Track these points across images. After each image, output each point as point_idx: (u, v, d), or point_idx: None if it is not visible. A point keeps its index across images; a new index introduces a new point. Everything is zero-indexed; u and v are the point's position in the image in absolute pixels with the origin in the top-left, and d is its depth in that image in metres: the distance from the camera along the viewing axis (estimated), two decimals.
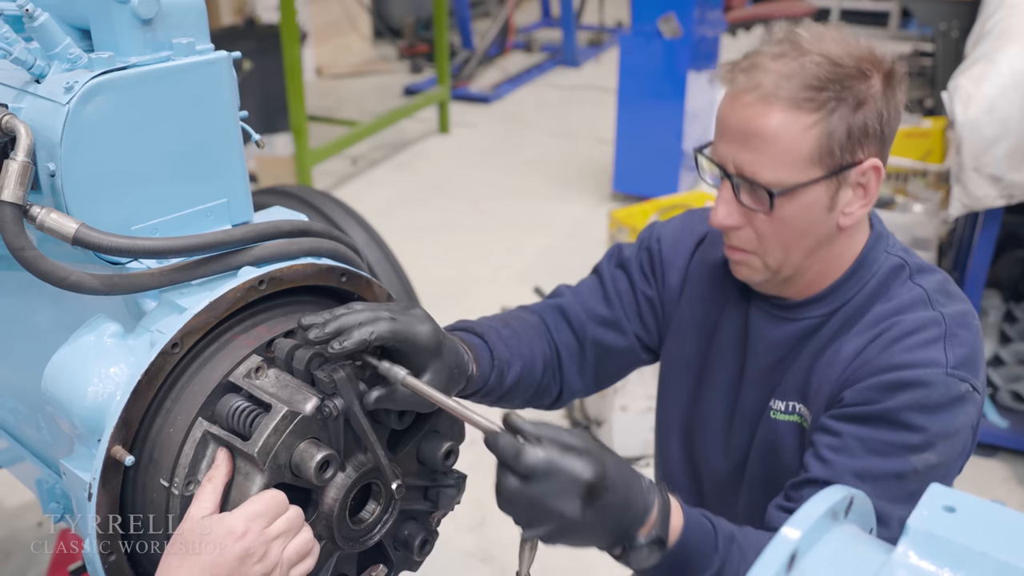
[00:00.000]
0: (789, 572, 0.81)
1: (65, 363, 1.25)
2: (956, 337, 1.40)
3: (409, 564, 1.42)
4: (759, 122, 1.37)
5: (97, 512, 1.20)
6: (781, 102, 1.35)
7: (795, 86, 1.34)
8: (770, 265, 1.48)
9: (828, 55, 1.35)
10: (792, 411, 1.52)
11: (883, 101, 1.37)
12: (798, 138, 1.35)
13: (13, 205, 1.18)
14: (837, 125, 1.35)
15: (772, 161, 1.37)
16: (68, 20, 1.38)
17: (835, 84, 1.34)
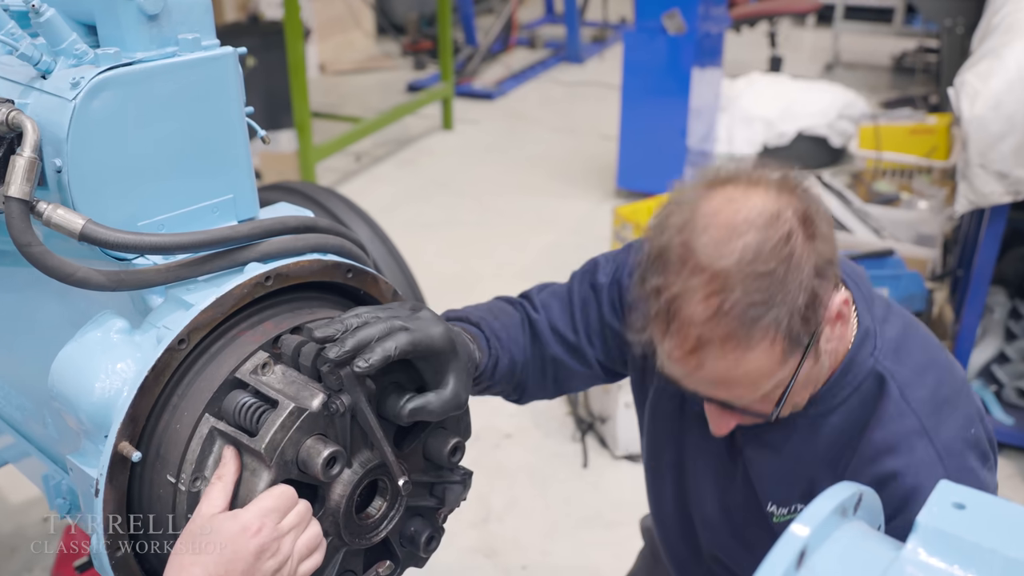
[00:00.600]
0: (798, 569, 0.80)
1: (72, 359, 1.25)
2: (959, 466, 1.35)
3: (415, 560, 1.41)
4: (718, 374, 1.26)
5: (104, 508, 1.20)
6: (729, 349, 1.22)
7: (732, 328, 1.20)
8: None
9: (741, 268, 1.19)
10: (795, 511, 1.48)
11: (814, 253, 1.23)
12: (763, 364, 1.25)
13: (20, 201, 1.18)
14: (792, 324, 1.23)
15: (749, 390, 1.29)
16: (74, 16, 1.37)
17: (768, 300, 1.20)
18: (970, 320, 3.47)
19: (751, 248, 1.19)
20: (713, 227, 1.22)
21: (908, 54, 8.79)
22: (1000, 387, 3.70)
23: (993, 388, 3.70)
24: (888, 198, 5.07)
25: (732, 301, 1.19)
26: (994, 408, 3.62)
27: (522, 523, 3.33)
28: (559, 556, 3.18)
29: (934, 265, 4.50)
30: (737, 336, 1.20)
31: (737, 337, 1.21)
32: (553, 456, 3.70)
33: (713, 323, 1.20)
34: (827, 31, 9.58)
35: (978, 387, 3.67)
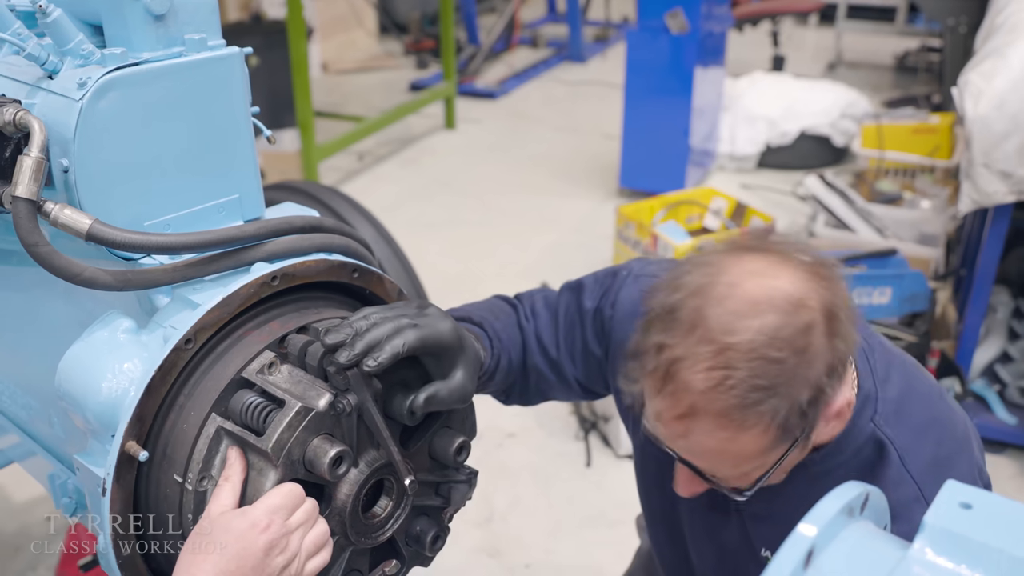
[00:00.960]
0: (806, 569, 0.81)
1: (79, 359, 1.26)
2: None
3: (421, 560, 1.42)
4: (704, 446, 1.22)
5: (111, 507, 1.21)
6: (721, 428, 1.17)
7: (729, 407, 1.15)
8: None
9: (753, 348, 1.14)
10: None
11: (831, 351, 1.18)
12: (750, 447, 1.20)
13: (27, 201, 1.18)
14: (789, 416, 1.17)
15: (728, 468, 1.26)
16: (80, 16, 1.38)
17: (774, 387, 1.15)
18: (973, 319, 3.47)
19: (767, 331, 1.14)
20: (731, 299, 1.16)
21: (911, 53, 8.79)
22: (1003, 386, 3.70)
23: (996, 387, 3.70)
24: (891, 197, 5.07)
25: (735, 380, 1.14)
26: (997, 408, 3.62)
27: (525, 522, 3.33)
28: (562, 555, 3.19)
29: (937, 264, 4.50)
30: (731, 416, 1.15)
31: (731, 417, 1.16)
32: (556, 455, 3.70)
33: (711, 396, 1.15)
34: (830, 30, 9.58)
35: (981, 386, 3.67)
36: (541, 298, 1.65)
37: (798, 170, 6.17)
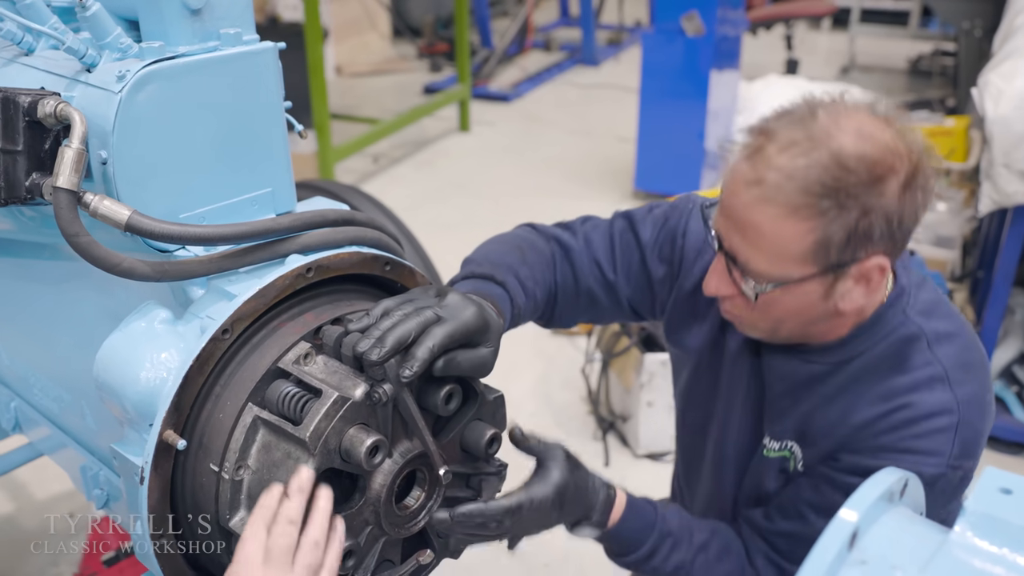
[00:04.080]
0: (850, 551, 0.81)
1: (117, 349, 1.27)
2: (968, 425, 1.39)
3: (451, 551, 1.43)
4: (755, 218, 1.31)
5: (148, 496, 1.22)
6: (778, 204, 1.28)
7: (795, 189, 1.26)
8: (762, 330, 1.46)
9: (839, 154, 1.25)
10: (784, 448, 1.54)
11: (898, 204, 1.27)
12: (791, 241, 1.29)
13: (68, 191, 1.20)
14: (835, 232, 1.27)
15: (763, 255, 1.33)
16: (116, 11, 1.39)
17: (838, 193, 1.25)
18: (992, 321, 3.46)
19: (858, 150, 1.25)
20: (844, 119, 1.28)
21: (924, 57, 8.77)
22: (1022, 388, 3.69)
23: (1015, 388, 3.69)
24: None
25: (812, 173, 1.25)
26: (1016, 408, 3.61)
27: None
28: (581, 554, 3.19)
29: (953, 266, 4.49)
30: (791, 198, 1.26)
31: (791, 198, 1.27)
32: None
33: (784, 176, 1.27)
34: (843, 34, 9.57)
35: (1000, 388, 3.66)
36: (591, 224, 1.75)
37: None
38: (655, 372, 3.48)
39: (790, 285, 1.34)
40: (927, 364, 1.41)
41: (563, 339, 4.46)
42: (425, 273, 1.50)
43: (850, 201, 1.25)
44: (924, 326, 1.44)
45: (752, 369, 1.58)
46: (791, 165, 1.26)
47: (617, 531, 1.50)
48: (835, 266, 1.31)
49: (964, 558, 0.83)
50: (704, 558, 1.52)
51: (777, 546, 1.52)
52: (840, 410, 1.45)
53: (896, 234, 1.30)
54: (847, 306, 1.37)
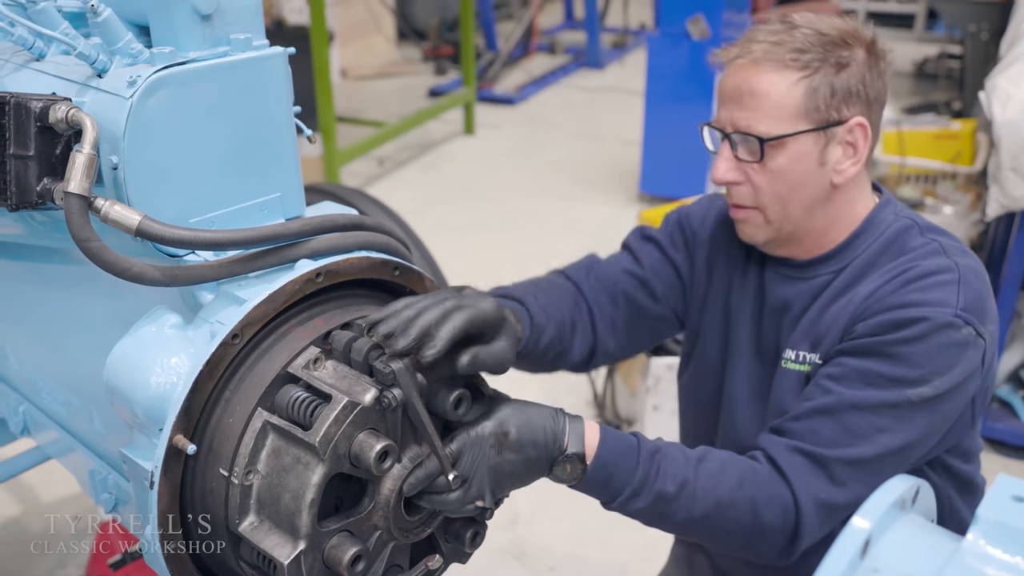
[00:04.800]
0: (863, 559, 0.81)
1: (127, 354, 1.27)
2: (969, 284, 1.49)
3: (459, 556, 1.42)
4: (751, 81, 1.53)
5: (158, 500, 1.22)
6: (769, 63, 1.52)
7: (782, 51, 1.52)
8: (770, 220, 1.60)
9: (815, 27, 1.53)
10: (802, 360, 1.61)
11: (865, 67, 1.53)
12: (785, 93, 1.52)
13: (79, 197, 1.20)
14: (821, 83, 1.51)
15: (763, 115, 1.53)
16: (126, 16, 1.39)
17: (818, 48, 1.51)
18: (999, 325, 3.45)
19: (827, 23, 1.54)
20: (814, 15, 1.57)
21: (930, 60, 8.77)
22: None
23: (1021, 393, 3.69)
24: (912, 203, 5.05)
25: (792, 40, 1.52)
26: (1023, 413, 3.60)
27: (551, 525, 3.33)
28: (587, 558, 3.19)
29: None
30: (779, 58, 1.51)
31: (779, 58, 1.51)
32: None
33: (771, 46, 1.52)
34: None
35: (1006, 392, 3.66)
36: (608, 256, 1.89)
37: None
38: (661, 376, 3.48)
39: (788, 141, 1.53)
40: (923, 244, 1.56)
41: None
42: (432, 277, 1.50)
43: (829, 55, 1.51)
44: (915, 219, 1.62)
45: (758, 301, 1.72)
46: (776, 38, 1.53)
47: (601, 459, 1.40)
48: (825, 123, 1.52)
49: (977, 566, 0.82)
50: (707, 468, 1.45)
51: (799, 431, 1.49)
52: (847, 299, 1.56)
53: (869, 96, 1.54)
54: (840, 179, 1.56)
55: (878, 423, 1.45)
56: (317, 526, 1.18)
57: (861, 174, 1.61)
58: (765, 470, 1.47)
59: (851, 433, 1.46)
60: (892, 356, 1.46)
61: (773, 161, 1.54)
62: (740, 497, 1.44)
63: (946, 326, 1.44)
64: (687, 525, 1.46)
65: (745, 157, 1.56)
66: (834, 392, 1.48)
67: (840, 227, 1.62)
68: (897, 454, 1.47)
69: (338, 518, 1.23)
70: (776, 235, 1.62)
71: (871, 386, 1.46)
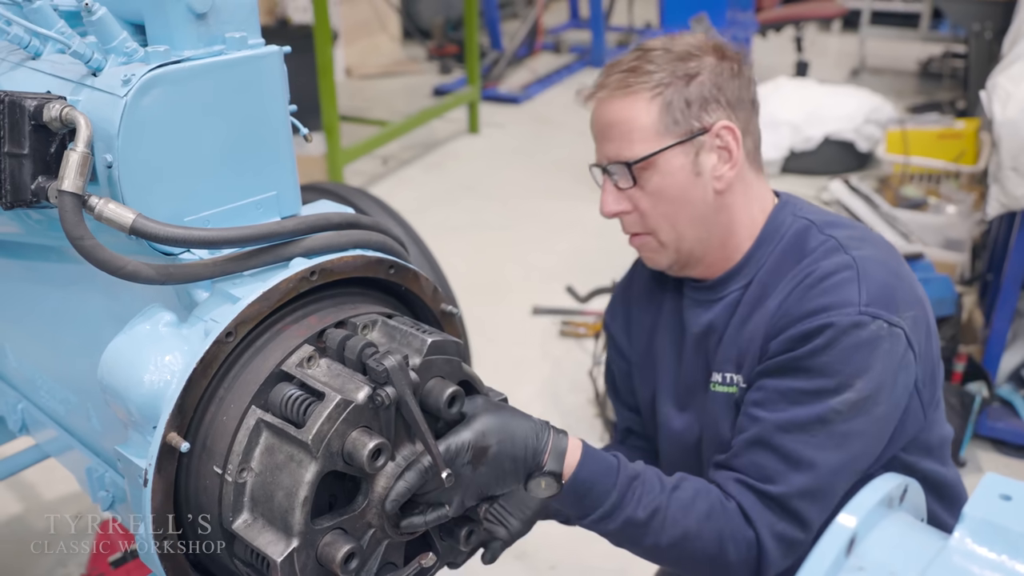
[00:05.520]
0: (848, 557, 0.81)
1: (121, 351, 1.28)
2: (869, 276, 1.49)
3: (455, 554, 1.43)
4: (610, 113, 1.59)
5: (152, 498, 1.22)
6: (621, 91, 1.57)
7: (632, 77, 1.57)
8: (665, 242, 1.63)
9: (664, 47, 1.58)
10: (729, 382, 1.61)
11: (716, 72, 1.57)
12: (641, 115, 1.56)
13: (73, 195, 1.20)
14: (673, 97, 1.55)
15: (628, 141, 1.57)
16: (121, 15, 1.39)
17: (666, 66, 1.56)
18: (1000, 324, 3.45)
19: (677, 41, 1.60)
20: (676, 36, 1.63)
21: (934, 59, 8.75)
22: None
23: (1023, 392, 3.68)
24: (916, 202, 5.05)
25: (639, 66, 1.57)
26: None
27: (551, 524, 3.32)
28: (588, 557, 3.19)
29: (963, 269, 4.48)
30: (629, 84, 1.57)
31: (629, 85, 1.57)
32: None
33: (620, 77, 1.58)
34: (853, 36, 9.55)
35: (1008, 391, 3.65)
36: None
37: (822, 175, 6.15)
38: None
39: (656, 158, 1.56)
40: (821, 243, 1.57)
41: (571, 342, 4.46)
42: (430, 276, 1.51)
43: (677, 70, 1.55)
44: (812, 218, 1.62)
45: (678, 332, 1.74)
46: (627, 66, 1.59)
47: (578, 480, 1.41)
48: (688, 134, 1.56)
49: (963, 564, 0.82)
50: (679, 498, 1.46)
51: (741, 467, 1.50)
52: (760, 314, 1.56)
53: (727, 99, 1.57)
54: (720, 185, 1.58)
55: (812, 441, 1.44)
56: (310, 524, 1.19)
57: (747, 177, 1.62)
58: (732, 506, 1.48)
59: (789, 459, 1.45)
60: (807, 370, 1.46)
61: (649, 182, 1.58)
62: (707, 529, 1.45)
63: (852, 327, 1.44)
64: (654, 551, 1.48)
65: (623, 185, 1.60)
66: (761, 419, 1.48)
67: (738, 237, 1.63)
68: (843, 470, 1.46)
69: (332, 516, 1.23)
70: (676, 256, 1.65)
71: (794, 404, 1.46)
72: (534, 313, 4.71)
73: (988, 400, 3.50)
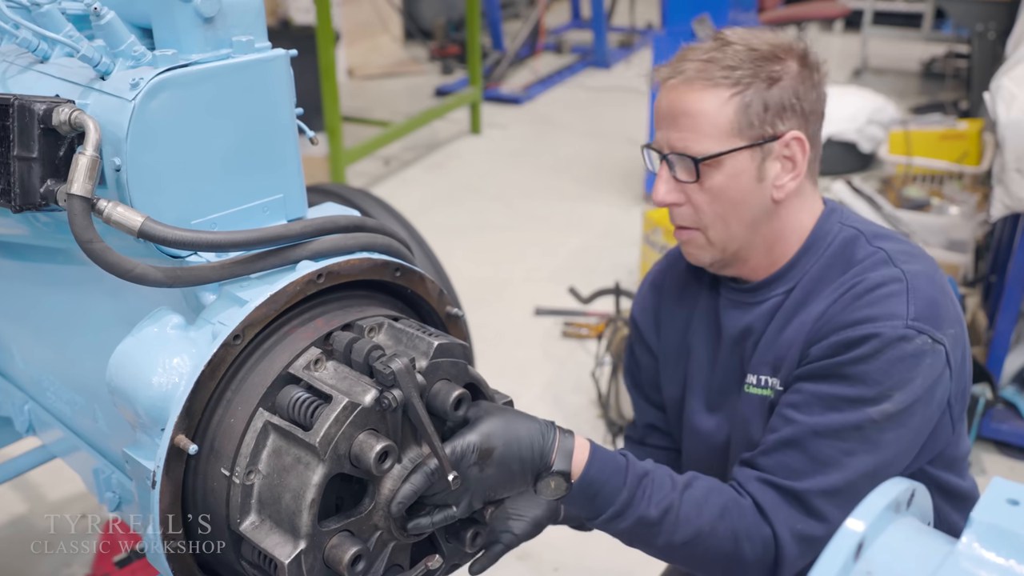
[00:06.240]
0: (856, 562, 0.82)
1: (130, 354, 1.28)
2: (918, 291, 1.47)
3: (460, 556, 1.43)
4: (683, 101, 1.53)
5: (160, 499, 1.23)
6: (700, 82, 1.51)
7: (713, 69, 1.51)
8: (713, 240, 1.59)
9: (746, 43, 1.52)
10: (764, 385, 1.60)
11: (798, 79, 1.52)
12: (717, 111, 1.50)
13: (82, 198, 1.21)
14: (753, 99, 1.50)
15: (697, 134, 1.52)
16: (129, 19, 1.40)
17: (749, 64, 1.50)
18: (1004, 326, 3.45)
19: (760, 39, 1.54)
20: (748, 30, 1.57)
21: (937, 59, 8.74)
22: None
23: None
24: (919, 203, 5.05)
25: (722, 57, 1.51)
26: None
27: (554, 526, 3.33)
28: (592, 558, 3.19)
29: (966, 271, 4.48)
30: (710, 76, 1.51)
31: (709, 77, 1.51)
32: None
33: (701, 64, 1.52)
34: (855, 36, 9.55)
35: (1012, 393, 3.65)
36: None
37: (824, 176, 6.15)
38: None
39: (723, 159, 1.51)
40: (870, 254, 1.54)
41: (574, 343, 4.46)
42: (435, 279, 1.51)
43: (760, 71, 1.50)
44: (861, 227, 1.60)
45: (714, 331, 1.71)
46: (707, 56, 1.52)
47: (587, 479, 1.39)
48: (760, 139, 1.51)
49: (971, 569, 0.83)
50: (691, 496, 1.45)
51: (768, 465, 1.49)
52: (800, 320, 1.55)
53: (804, 109, 1.53)
54: (780, 194, 1.55)
55: (844, 447, 1.44)
56: (317, 526, 1.19)
57: (805, 187, 1.60)
58: (747, 503, 1.47)
59: (819, 462, 1.45)
60: (848, 377, 1.45)
61: (710, 180, 1.53)
62: (721, 527, 1.44)
63: (898, 339, 1.43)
64: (667, 550, 1.47)
65: (683, 177, 1.55)
66: (796, 421, 1.48)
67: (785, 242, 1.60)
68: (871, 476, 1.45)
69: (338, 518, 1.24)
70: (721, 255, 1.61)
71: (832, 410, 1.45)
72: (536, 314, 4.71)
73: (992, 402, 3.49)
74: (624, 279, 4.72)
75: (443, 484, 1.26)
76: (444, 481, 1.25)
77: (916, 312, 1.45)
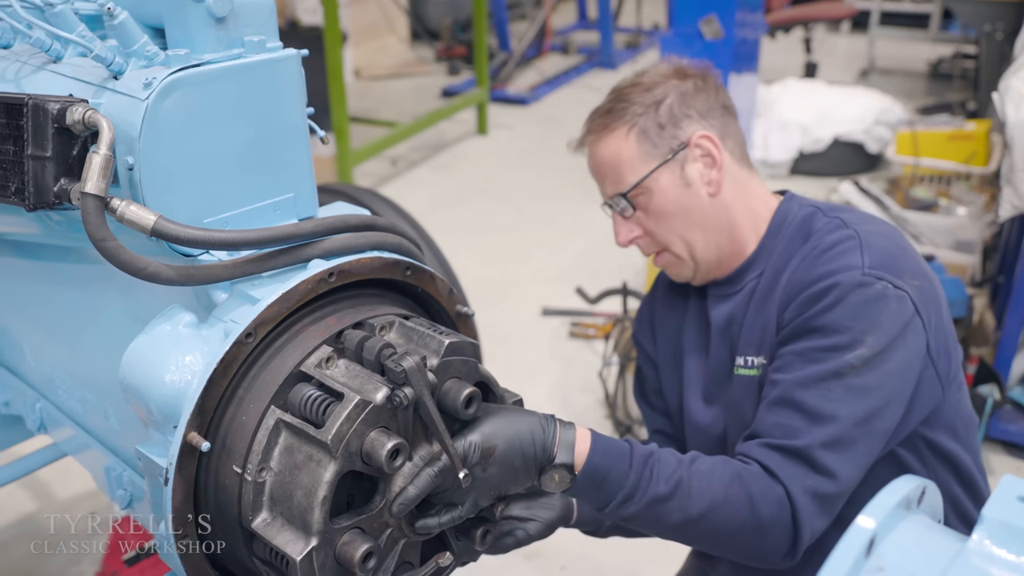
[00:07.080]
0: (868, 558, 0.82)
1: (142, 352, 1.29)
2: (872, 245, 1.57)
3: (470, 553, 1.44)
4: (598, 155, 1.75)
5: (173, 497, 1.23)
6: (602, 133, 1.73)
7: (609, 118, 1.72)
8: (680, 253, 1.75)
9: (633, 82, 1.74)
10: (751, 365, 1.67)
11: (680, 91, 1.70)
12: (621, 148, 1.71)
13: (96, 197, 1.22)
14: (647, 124, 1.69)
15: (618, 174, 1.72)
16: (141, 19, 1.41)
17: (636, 99, 1.70)
18: (1012, 327, 3.45)
19: (646, 74, 1.75)
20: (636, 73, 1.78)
21: (944, 60, 8.74)
22: None
23: None
24: (926, 204, 5.04)
25: (613, 108, 1.72)
26: None
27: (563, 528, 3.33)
28: (599, 557, 3.20)
29: (974, 271, 4.48)
30: (606, 124, 1.73)
31: (606, 125, 1.73)
32: None
33: (600, 121, 1.74)
34: (862, 37, 9.55)
35: (1019, 394, 3.65)
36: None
37: (832, 176, 6.15)
38: None
39: (645, 183, 1.69)
40: (826, 223, 1.66)
41: (581, 343, 4.47)
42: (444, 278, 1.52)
43: (645, 99, 1.70)
44: (818, 205, 1.73)
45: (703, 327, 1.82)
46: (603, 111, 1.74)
47: (591, 467, 1.39)
48: (669, 153, 1.69)
49: (982, 566, 0.83)
50: (699, 469, 1.46)
51: (764, 430, 1.52)
52: (774, 295, 1.65)
53: (698, 112, 1.70)
54: (713, 188, 1.70)
55: (830, 395, 1.48)
56: (329, 523, 1.20)
57: (738, 175, 1.74)
58: (755, 468, 1.48)
59: (811, 415, 1.48)
60: (819, 329, 1.52)
61: (648, 204, 1.71)
62: (735, 493, 1.44)
63: (857, 285, 1.51)
64: (685, 527, 1.45)
65: (627, 214, 1.74)
66: (780, 382, 1.54)
67: (742, 228, 1.73)
68: (864, 424, 1.48)
69: (350, 515, 1.24)
70: (695, 264, 1.76)
71: (811, 362, 1.51)
72: (543, 314, 4.71)
73: (1000, 403, 3.49)
74: (631, 279, 4.72)
75: (451, 482, 1.27)
76: (452, 479, 1.26)
77: (871, 262, 1.53)
